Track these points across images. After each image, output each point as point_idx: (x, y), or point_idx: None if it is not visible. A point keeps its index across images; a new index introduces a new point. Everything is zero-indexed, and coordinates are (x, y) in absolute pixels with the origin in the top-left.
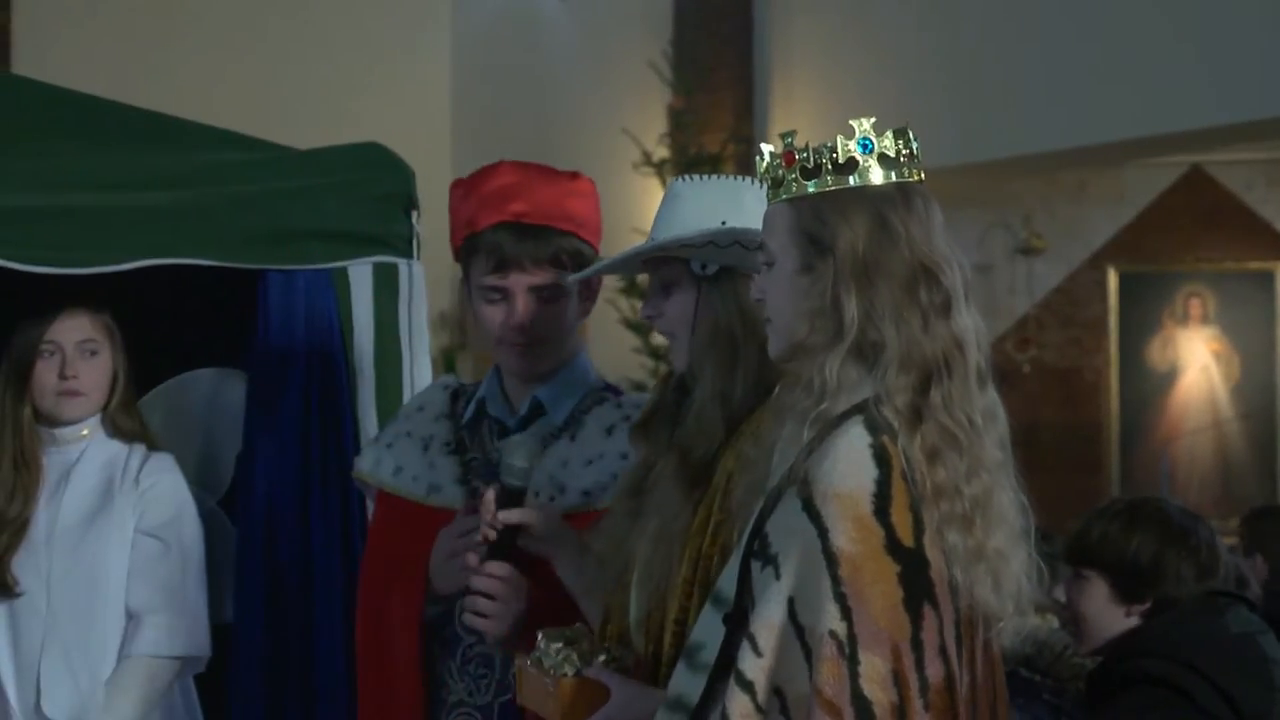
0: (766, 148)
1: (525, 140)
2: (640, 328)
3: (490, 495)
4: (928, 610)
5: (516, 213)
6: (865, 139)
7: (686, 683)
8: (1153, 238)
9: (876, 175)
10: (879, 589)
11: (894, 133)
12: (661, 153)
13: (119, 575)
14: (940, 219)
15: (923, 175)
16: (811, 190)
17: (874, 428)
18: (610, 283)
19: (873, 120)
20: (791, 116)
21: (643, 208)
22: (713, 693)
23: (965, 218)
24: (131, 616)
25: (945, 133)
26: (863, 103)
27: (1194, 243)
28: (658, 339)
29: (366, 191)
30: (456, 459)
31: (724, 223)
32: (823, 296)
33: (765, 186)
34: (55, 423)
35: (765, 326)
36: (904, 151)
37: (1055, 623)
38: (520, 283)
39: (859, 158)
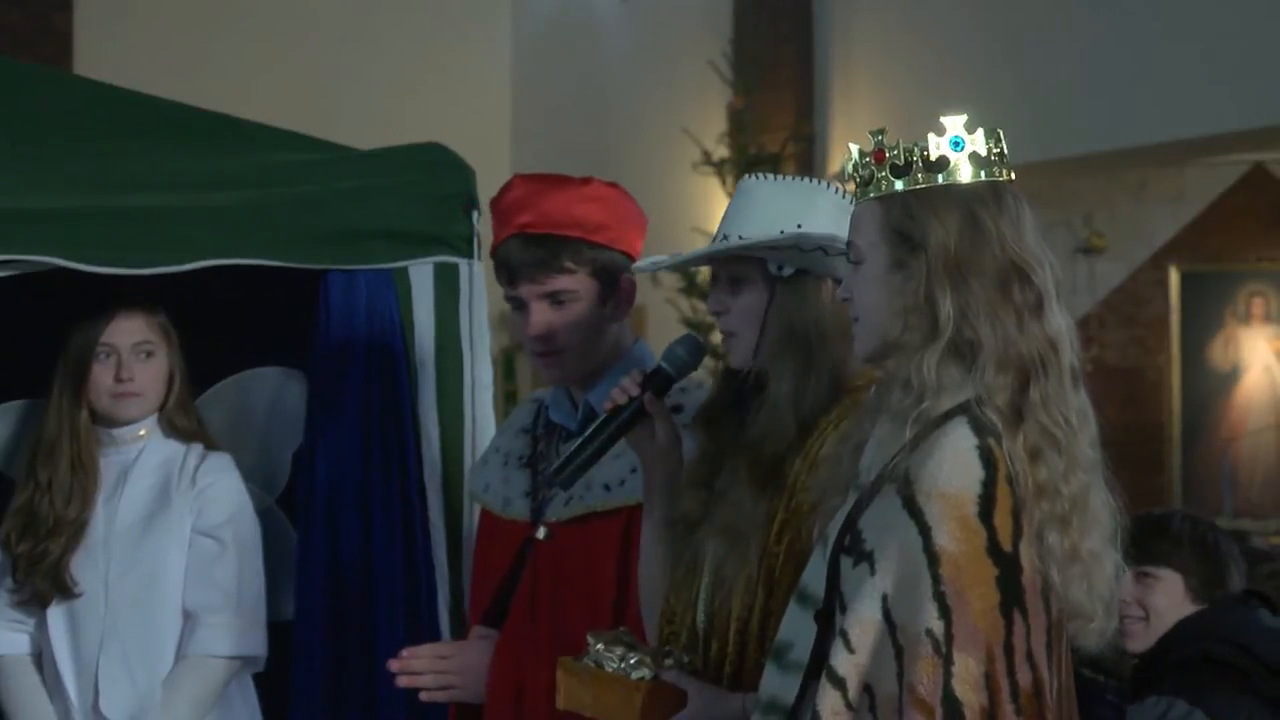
0: (854, 146)
1: (584, 140)
2: (700, 327)
3: (640, 372)
4: (1018, 616)
5: (521, 224)
6: (957, 137)
7: (778, 683)
8: (1214, 237)
9: (967, 174)
10: (979, 591)
11: (985, 131)
12: (721, 152)
13: (176, 575)
14: (1031, 218)
15: (1013, 175)
16: (901, 188)
17: (979, 429)
18: (670, 282)
19: (964, 118)
20: (852, 115)
21: (703, 207)
22: (807, 692)
23: None
24: (188, 616)
25: (1005, 132)
26: (922, 102)
27: (1256, 242)
28: (717, 339)
29: (427, 191)
30: (528, 472)
31: (799, 225)
32: (916, 294)
33: (854, 184)
34: (112, 423)
35: (853, 325)
36: (995, 150)
37: None
38: (530, 292)
39: (950, 155)
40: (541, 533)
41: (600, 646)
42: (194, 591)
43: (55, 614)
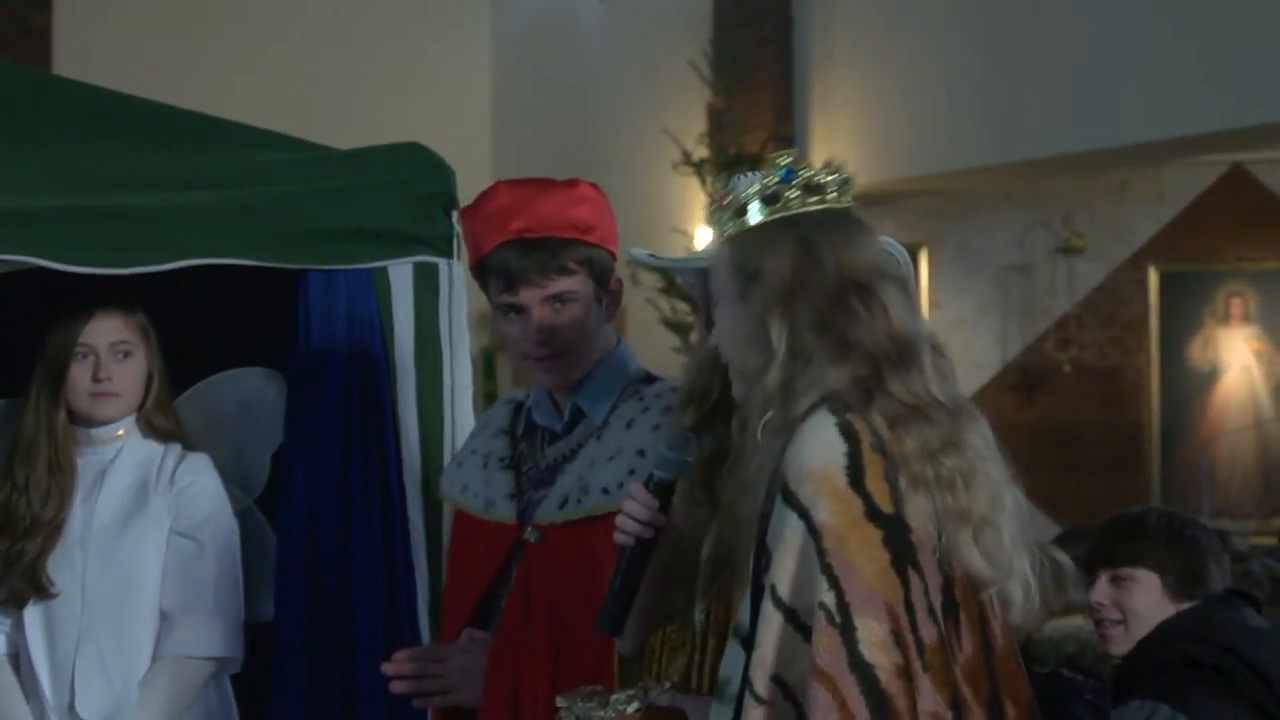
0: (709, 199)
1: (564, 140)
2: (680, 327)
3: (644, 488)
4: (912, 574)
5: (518, 230)
6: (786, 170)
7: (721, 718)
8: (1194, 237)
9: (801, 204)
10: (866, 555)
11: (819, 164)
12: (701, 153)
13: (153, 576)
14: (873, 241)
15: (851, 203)
16: (742, 227)
17: (837, 409)
18: (650, 282)
19: (794, 151)
20: (831, 116)
21: (683, 208)
22: None
23: (1005, 217)
24: (165, 617)
25: (985, 132)
26: (901, 103)
27: (1235, 242)
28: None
29: (407, 191)
30: (511, 474)
31: None
32: (754, 321)
33: (712, 235)
34: (90, 423)
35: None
36: (829, 179)
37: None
38: (532, 296)
39: (782, 189)
40: (532, 535)
41: (579, 702)
42: (171, 592)
43: (32, 614)
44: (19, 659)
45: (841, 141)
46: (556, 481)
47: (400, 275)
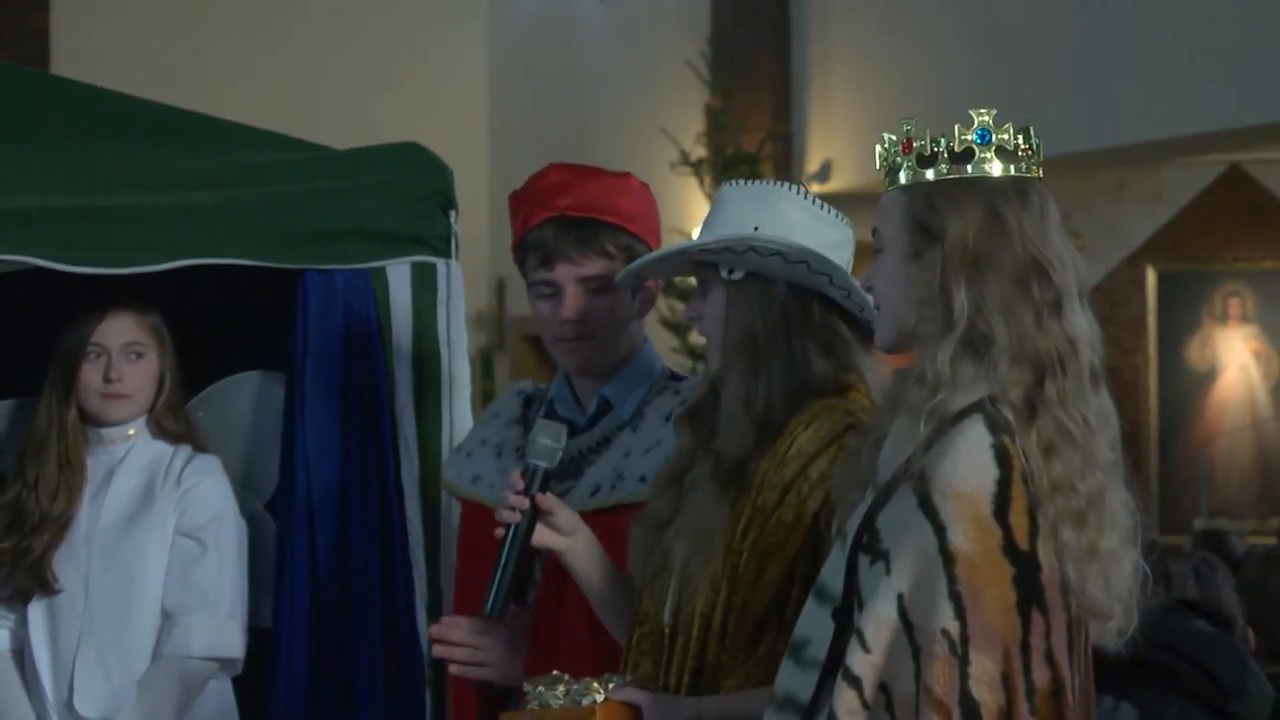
0: (888, 135)
1: (562, 140)
2: (679, 328)
3: (517, 474)
4: (1036, 615)
5: (563, 207)
6: (983, 129)
7: (795, 679)
8: (1192, 237)
9: (994, 167)
10: (994, 591)
11: (1015, 127)
12: (699, 152)
13: (156, 575)
14: (1057, 217)
15: (1041, 172)
16: (925, 178)
17: (995, 427)
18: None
19: (993, 112)
20: (829, 116)
21: (680, 207)
22: (823, 690)
23: None
24: (167, 616)
25: None
26: (900, 102)
27: (1233, 242)
28: (695, 339)
29: (405, 191)
30: None
31: (756, 228)
32: (931, 285)
33: (882, 172)
34: (101, 423)
35: (873, 314)
36: (1024, 147)
37: None
38: (568, 274)
39: (976, 148)
40: None
41: (541, 689)
42: (172, 592)
43: (35, 610)
44: (23, 655)
45: (839, 141)
46: (585, 471)
47: (398, 275)
